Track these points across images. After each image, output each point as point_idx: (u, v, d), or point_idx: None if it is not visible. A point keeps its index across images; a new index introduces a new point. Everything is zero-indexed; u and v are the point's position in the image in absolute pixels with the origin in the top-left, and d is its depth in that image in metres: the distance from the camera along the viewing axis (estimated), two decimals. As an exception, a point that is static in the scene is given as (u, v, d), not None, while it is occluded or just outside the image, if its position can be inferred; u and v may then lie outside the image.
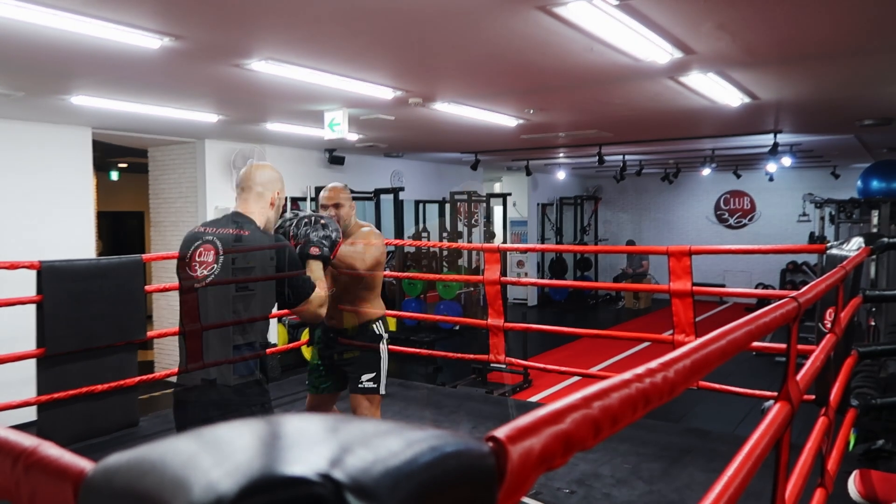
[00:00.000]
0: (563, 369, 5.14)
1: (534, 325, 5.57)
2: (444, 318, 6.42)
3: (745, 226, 14.60)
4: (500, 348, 5.10)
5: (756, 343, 3.73)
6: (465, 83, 4.80)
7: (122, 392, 4.38)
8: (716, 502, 1.02)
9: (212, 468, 0.42)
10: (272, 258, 2.37)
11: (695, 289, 4.28)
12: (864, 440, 3.71)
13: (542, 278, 13.95)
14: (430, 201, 10.90)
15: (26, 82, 4.53)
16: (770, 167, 10.68)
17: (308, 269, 2.56)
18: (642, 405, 0.77)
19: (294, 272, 2.44)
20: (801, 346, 2.02)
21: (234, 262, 2.31)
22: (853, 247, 3.55)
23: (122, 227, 12.73)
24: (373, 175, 9.68)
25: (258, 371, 2.42)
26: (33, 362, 4.08)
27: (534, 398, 6.82)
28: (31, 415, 4.29)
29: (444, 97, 5.29)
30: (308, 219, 2.66)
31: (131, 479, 0.46)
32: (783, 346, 1.68)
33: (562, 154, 10.41)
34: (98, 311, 4.20)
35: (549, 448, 0.61)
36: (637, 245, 14.41)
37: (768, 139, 7.63)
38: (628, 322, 12.35)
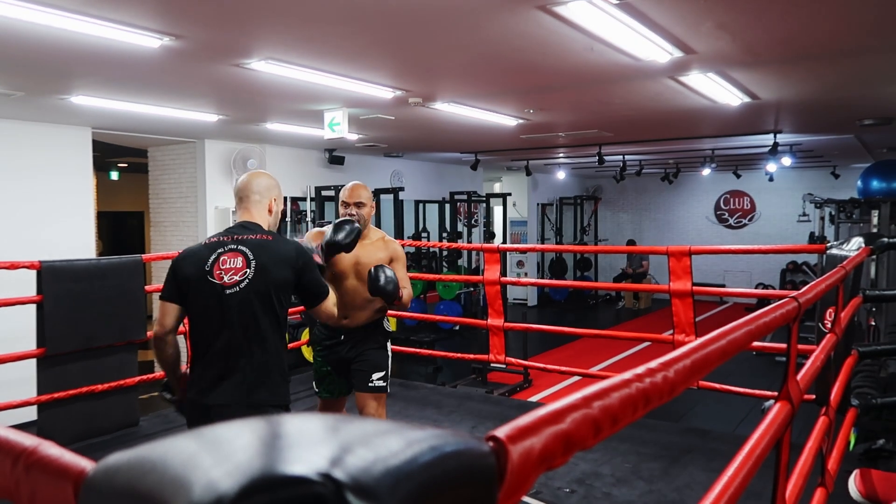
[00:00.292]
0: (563, 369, 5.14)
1: (534, 325, 5.57)
2: (444, 318, 6.42)
3: (745, 226, 14.59)
4: (500, 348, 5.10)
5: (756, 343, 3.74)
6: (465, 83, 4.80)
7: (122, 392, 4.39)
8: (716, 502, 1.03)
9: (212, 467, 0.42)
10: (297, 259, 2.39)
11: (695, 289, 4.28)
12: (864, 440, 3.72)
13: (542, 278, 13.94)
14: (430, 201, 10.90)
15: (26, 82, 4.53)
16: (770, 167, 10.66)
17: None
18: (642, 405, 0.78)
19: (313, 273, 2.47)
20: (801, 346, 2.02)
21: (265, 266, 2.32)
22: (853, 247, 3.55)
23: (122, 227, 12.72)
24: (373, 175, 9.68)
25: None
26: (33, 362, 4.08)
27: (534, 398, 6.81)
28: (31, 414, 4.29)
29: (444, 97, 5.28)
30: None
31: (132, 479, 0.46)
32: (783, 345, 1.68)
33: (562, 154, 10.40)
34: (98, 311, 4.20)
35: (550, 447, 0.61)
36: (637, 245, 14.40)
37: (768, 139, 7.62)
38: (628, 322, 12.34)
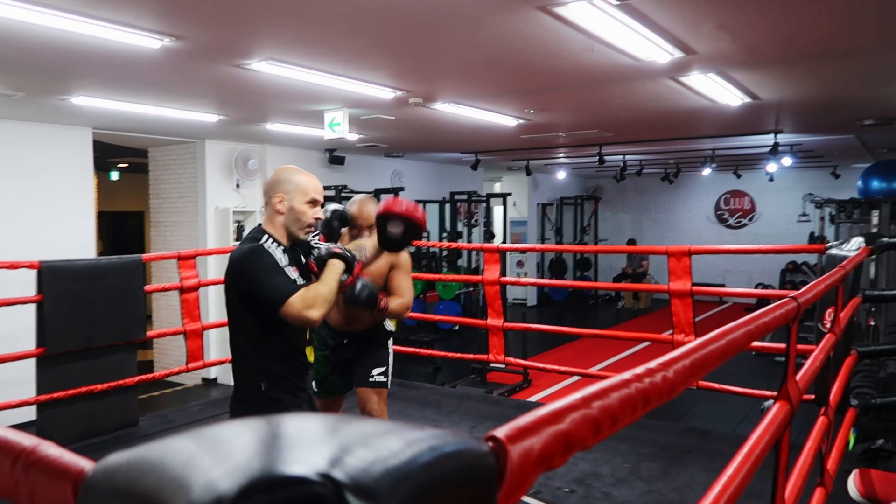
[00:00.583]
0: (563, 369, 5.14)
1: (533, 325, 5.57)
2: (443, 318, 6.42)
3: (745, 226, 14.59)
4: (500, 348, 5.10)
5: (756, 343, 3.74)
6: (466, 83, 4.80)
7: (122, 392, 4.39)
8: (716, 502, 1.02)
9: (211, 468, 0.42)
10: (235, 267, 2.25)
11: (694, 289, 4.28)
12: (863, 440, 3.72)
13: (542, 278, 13.93)
14: (430, 201, 10.90)
15: (26, 82, 4.53)
16: (770, 167, 10.65)
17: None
18: (642, 405, 0.78)
19: (254, 280, 2.23)
20: (800, 346, 2.02)
21: (226, 275, 2.31)
22: (853, 247, 3.55)
23: (122, 227, 12.71)
24: (373, 175, 9.68)
25: None
26: (33, 362, 4.08)
27: (533, 398, 6.81)
28: (30, 414, 4.28)
29: (444, 97, 5.28)
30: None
31: (131, 479, 0.46)
32: (783, 345, 1.68)
33: (562, 154, 10.40)
34: (98, 311, 4.20)
35: (549, 448, 0.61)
36: (637, 245, 14.40)
37: (769, 139, 7.62)
38: (628, 322, 12.34)
